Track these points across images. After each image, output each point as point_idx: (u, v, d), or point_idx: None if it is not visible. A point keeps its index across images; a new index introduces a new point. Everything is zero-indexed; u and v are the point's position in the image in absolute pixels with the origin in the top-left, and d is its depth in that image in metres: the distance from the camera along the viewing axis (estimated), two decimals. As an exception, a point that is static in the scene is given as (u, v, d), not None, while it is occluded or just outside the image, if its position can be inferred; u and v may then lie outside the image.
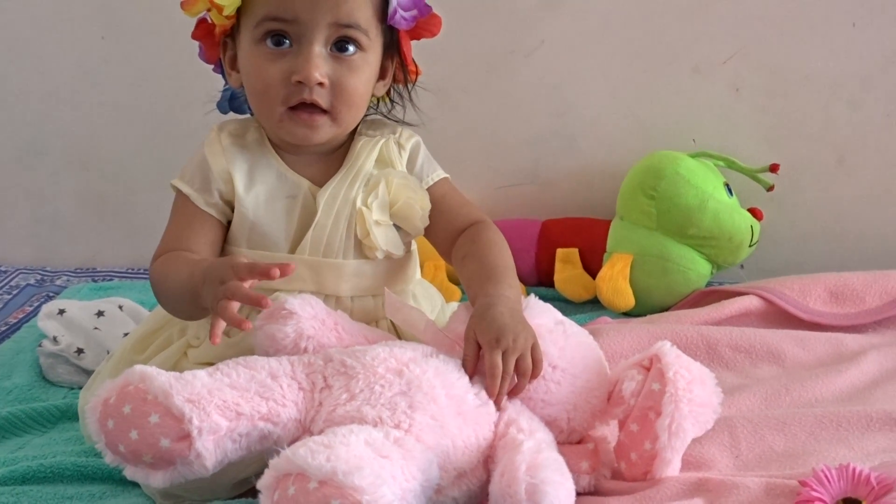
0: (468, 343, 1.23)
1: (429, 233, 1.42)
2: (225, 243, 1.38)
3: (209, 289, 1.20)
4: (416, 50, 1.41)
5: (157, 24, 2.07)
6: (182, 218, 1.37)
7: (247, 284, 1.17)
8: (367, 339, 1.28)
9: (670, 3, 1.99)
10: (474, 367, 1.22)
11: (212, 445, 1.09)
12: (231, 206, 1.37)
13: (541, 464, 1.08)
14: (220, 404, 1.10)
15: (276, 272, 1.16)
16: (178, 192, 1.37)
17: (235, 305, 1.17)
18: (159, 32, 2.07)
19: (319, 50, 1.30)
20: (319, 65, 1.30)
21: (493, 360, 1.19)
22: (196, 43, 1.40)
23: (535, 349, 1.22)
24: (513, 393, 1.21)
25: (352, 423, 1.10)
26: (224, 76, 1.42)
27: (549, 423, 1.22)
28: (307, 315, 1.25)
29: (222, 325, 1.17)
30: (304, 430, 1.15)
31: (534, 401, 1.23)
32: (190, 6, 1.35)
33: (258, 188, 1.36)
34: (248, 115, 1.44)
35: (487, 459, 1.17)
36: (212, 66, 1.43)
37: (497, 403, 1.20)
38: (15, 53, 2.13)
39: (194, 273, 1.24)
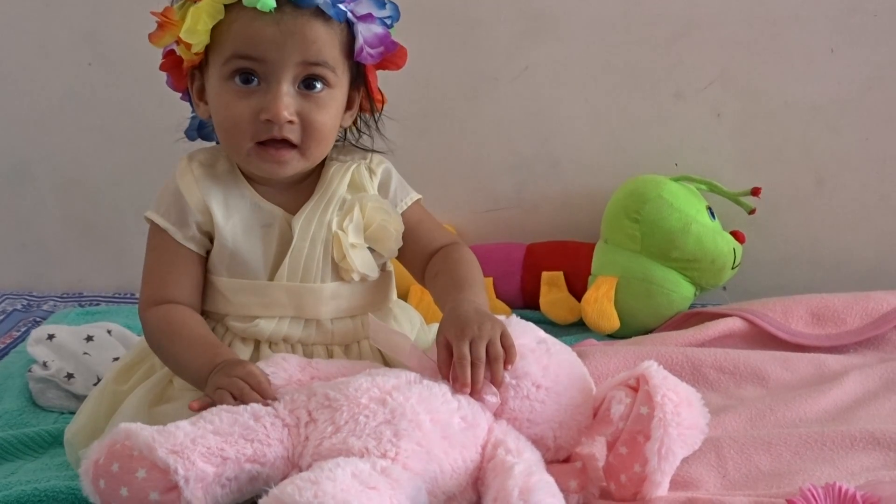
0: (439, 347, 1.24)
1: (403, 255, 1.43)
2: (206, 272, 1.39)
3: (216, 378, 1.24)
4: (401, 75, 1.42)
5: (144, 52, 2.04)
6: (163, 255, 1.37)
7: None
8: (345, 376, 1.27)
9: (652, 29, 2.02)
10: (448, 370, 1.23)
11: (201, 493, 1.10)
12: (209, 236, 1.37)
13: (533, 487, 1.09)
14: (205, 451, 1.11)
15: (274, 397, 1.21)
16: (155, 225, 1.38)
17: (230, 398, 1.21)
18: (145, 59, 2.03)
19: (287, 88, 1.31)
20: (288, 103, 1.30)
21: (460, 350, 1.21)
22: (168, 67, 1.40)
23: (504, 336, 1.24)
24: (492, 382, 1.22)
25: (338, 456, 1.11)
26: (192, 105, 1.42)
27: (536, 442, 1.23)
28: (282, 381, 1.25)
29: (209, 401, 1.22)
30: (293, 465, 1.15)
31: (519, 420, 1.23)
32: (157, 38, 1.36)
33: (234, 218, 1.37)
34: (216, 144, 1.44)
35: (476, 481, 1.18)
36: (180, 95, 1.43)
37: (474, 392, 1.21)
38: (2, 78, 2.14)
39: (207, 363, 1.27)
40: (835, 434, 1.38)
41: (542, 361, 1.26)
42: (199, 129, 1.46)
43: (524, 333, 1.29)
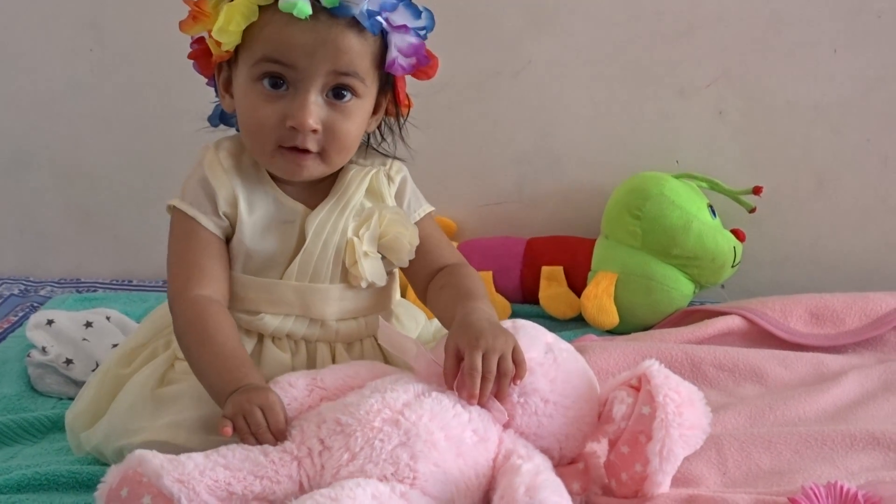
0: (448, 354, 1.23)
1: (408, 267, 1.43)
2: None
3: (236, 398, 1.21)
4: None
5: (146, 38, 2.08)
6: (192, 244, 1.35)
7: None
8: (352, 388, 1.27)
9: (656, 27, 2.02)
10: (454, 377, 1.22)
11: None
12: (232, 229, 1.37)
13: (539, 485, 1.09)
14: (211, 484, 1.11)
15: (285, 437, 1.20)
16: (180, 213, 1.36)
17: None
18: (147, 45, 2.08)
19: (315, 97, 1.30)
20: (314, 112, 1.30)
21: (473, 361, 1.20)
22: (185, 51, 1.39)
23: (516, 352, 1.23)
24: (497, 397, 1.21)
25: None
26: (217, 93, 1.42)
27: (541, 452, 1.23)
28: (293, 413, 1.24)
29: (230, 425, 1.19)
30: None
31: (526, 435, 1.23)
32: (188, 27, 1.35)
33: (257, 214, 1.36)
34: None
35: (488, 491, 1.18)
36: (206, 80, 1.42)
37: (481, 403, 1.20)
38: (2, 64, 2.13)
39: (231, 382, 1.24)
40: (835, 433, 1.38)
41: (550, 374, 1.25)
42: (223, 116, 1.45)
43: (532, 346, 1.27)
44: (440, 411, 1.18)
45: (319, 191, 1.40)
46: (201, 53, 1.37)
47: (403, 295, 1.60)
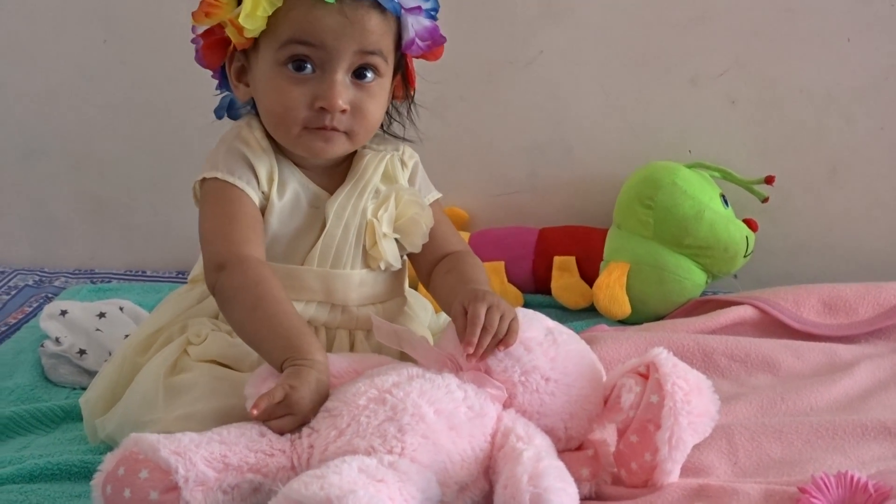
0: (457, 316, 1.26)
1: (413, 252, 1.44)
2: None
3: (290, 376, 1.20)
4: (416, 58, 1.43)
5: (158, 28, 2.08)
6: (241, 208, 1.34)
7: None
8: (357, 372, 1.28)
9: (668, 15, 2.01)
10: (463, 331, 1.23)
11: (200, 496, 1.10)
12: (263, 209, 1.37)
13: (542, 472, 1.09)
14: (208, 455, 1.12)
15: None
16: (218, 182, 1.35)
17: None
18: (160, 36, 2.08)
19: (342, 77, 1.32)
20: (342, 92, 1.32)
21: (477, 310, 1.23)
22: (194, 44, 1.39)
23: (514, 320, 1.25)
24: (484, 355, 1.23)
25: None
26: (223, 83, 1.42)
27: (547, 433, 1.23)
28: None
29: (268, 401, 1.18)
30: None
31: (529, 413, 1.24)
32: (200, 18, 1.35)
33: (286, 197, 1.37)
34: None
35: (488, 470, 1.18)
36: (210, 73, 1.42)
37: (475, 356, 1.22)
38: (15, 54, 2.14)
39: (287, 350, 1.24)
40: (846, 423, 1.38)
41: (550, 353, 1.26)
42: (230, 109, 1.46)
43: (531, 326, 1.28)
44: (430, 388, 1.19)
45: (336, 176, 1.41)
46: (211, 45, 1.38)
47: (413, 287, 1.61)
